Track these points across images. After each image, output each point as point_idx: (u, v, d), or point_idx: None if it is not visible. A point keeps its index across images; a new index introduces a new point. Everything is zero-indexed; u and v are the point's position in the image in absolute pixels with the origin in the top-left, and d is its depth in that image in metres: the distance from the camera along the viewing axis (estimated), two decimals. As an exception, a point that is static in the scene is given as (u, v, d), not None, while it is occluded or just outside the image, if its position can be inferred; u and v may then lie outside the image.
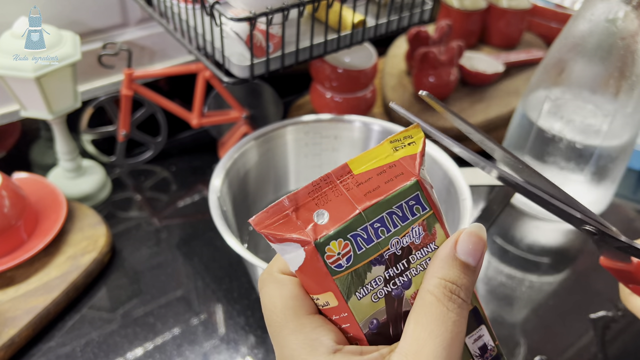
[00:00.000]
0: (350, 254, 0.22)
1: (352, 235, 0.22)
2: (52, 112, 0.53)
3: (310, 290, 0.23)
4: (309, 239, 0.22)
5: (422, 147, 0.24)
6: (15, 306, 0.48)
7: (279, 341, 0.23)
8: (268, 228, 0.22)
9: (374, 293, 0.22)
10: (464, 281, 0.22)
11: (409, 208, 0.23)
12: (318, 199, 0.23)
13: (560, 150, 0.58)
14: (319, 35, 0.49)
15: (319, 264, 0.22)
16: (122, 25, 0.65)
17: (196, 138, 0.73)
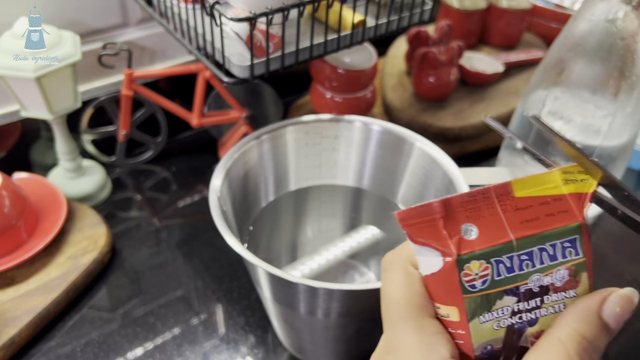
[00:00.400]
0: (487, 277, 0.21)
1: (495, 260, 0.21)
2: (53, 112, 0.53)
3: (435, 297, 0.22)
4: (452, 252, 0.21)
5: (594, 189, 0.23)
6: (15, 306, 0.48)
7: (393, 333, 0.22)
8: (411, 227, 0.21)
9: (497, 321, 0.21)
10: (599, 342, 0.21)
11: (562, 249, 0.22)
12: (470, 212, 0.21)
13: (560, 150, 0.58)
14: (319, 36, 0.49)
15: (454, 279, 0.21)
16: (122, 26, 0.65)
17: (196, 138, 0.73)
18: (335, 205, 0.47)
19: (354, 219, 0.45)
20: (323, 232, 0.44)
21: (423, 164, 0.43)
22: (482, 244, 0.21)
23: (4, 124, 0.60)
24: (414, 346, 0.21)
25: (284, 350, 0.47)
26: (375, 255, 0.44)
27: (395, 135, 0.44)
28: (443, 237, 0.21)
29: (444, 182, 0.41)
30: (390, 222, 0.46)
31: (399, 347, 0.22)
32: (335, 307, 0.35)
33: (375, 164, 0.46)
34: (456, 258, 0.21)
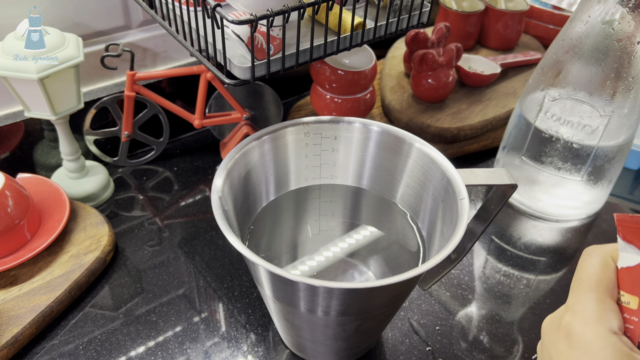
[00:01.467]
0: None
1: None
2: (56, 112, 0.54)
3: (622, 287, 0.27)
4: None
5: None
6: (18, 305, 0.48)
7: (579, 297, 0.28)
8: (625, 228, 0.26)
9: None
10: None
11: None
12: None
13: (557, 150, 0.58)
14: (319, 38, 0.50)
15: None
16: (124, 28, 0.66)
17: (198, 139, 0.74)
18: (335, 204, 0.48)
19: (354, 219, 0.46)
20: (323, 231, 0.45)
21: (421, 165, 0.44)
22: None
23: (7, 124, 0.60)
24: (592, 310, 0.27)
25: (285, 348, 0.48)
26: (375, 254, 0.45)
27: (394, 136, 0.45)
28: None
29: (442, 182, 0.41)
30: (389, 221, 0.46)
31: (579, 308, 0.28)
32: (335, 305, 0.36)
33: (374, 164, 0.47)
34: None
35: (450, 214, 0.39)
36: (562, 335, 0.28)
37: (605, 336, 0.26)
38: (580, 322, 0.27)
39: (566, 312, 0.29)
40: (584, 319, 0.27)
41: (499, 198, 0.41)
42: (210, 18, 0.43)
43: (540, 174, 0.61)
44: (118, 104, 0.65)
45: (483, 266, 0.58)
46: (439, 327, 0.51)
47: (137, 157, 0.69)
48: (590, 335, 0.27)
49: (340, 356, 0.46)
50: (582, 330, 0.27)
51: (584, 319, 0.27)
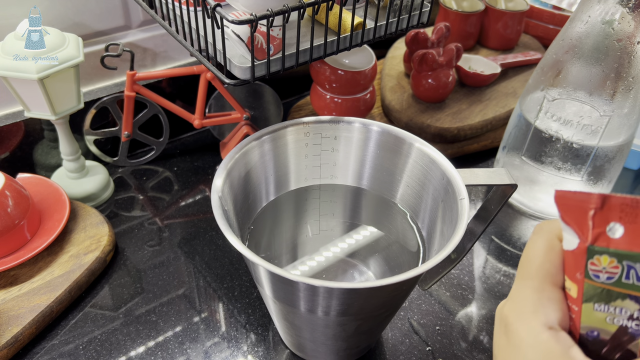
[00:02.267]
0: (614, 276, 0.22)
1: (628, 264, 0.22)
2: (56, 112, 0.54)
3: (566, 271, 0.24)
4: (586, 240, 0.22)
5: None
6: (18, 304, 0.48)
7: (518, 286, 0.25)
8: (564, 207, 0.23)
9: (612, 316, 0.22)
10: None
11: None
12: (626, 215, 0.22)
13: (557, 150, 0.58)
14: (319, 38, 0.50)
15: (581, 262, 0.23)
16: (124, 28, 0.66)
17: (198, 139, 0.74)
18: (335, 204, 0.48)
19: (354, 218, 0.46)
20: (323, 231, 0.45)
21: (421, 165, 0.44)
22: (621, 245, 0.22)
23: (7, 124, 0.60)
24: (527, 301, 0.24)
25: (285, 348, 0.48)
26: (374, 254, 0.45)
27: (394, 136, 0.45)
28: (587, 225, 0.22)
29: (442, 182, 0.41)
30: (389, 221, 0.46)
31: (517, 298, 0.25)
32: (335, 305, 0.36)
33: (374, 164, 0.47)
34: (587, 246, 0.22)
35: (450, 214, 0.39)
36: (502, 327, 0.25)
37: (537, 332, 0.23)
38: (515, 314, 0.25)
39: (507, 301, 0.26)
40: (518, 311, 0.24)
41: (499, 198, 0.41)
42: (210, 18, 0.43)
43: (540, 174, 0.61)
44: (118, 104, 0.65)
45: (483, 266, 0.58)
46: (439, 327, 0.51)
47: (137, 157, 0.69)
48: (523, 331, 0.24)
49: (340, 356, 0.46)
50: (516, 324, 0.24)
51: (519, 310, 0.24)
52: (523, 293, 0.25)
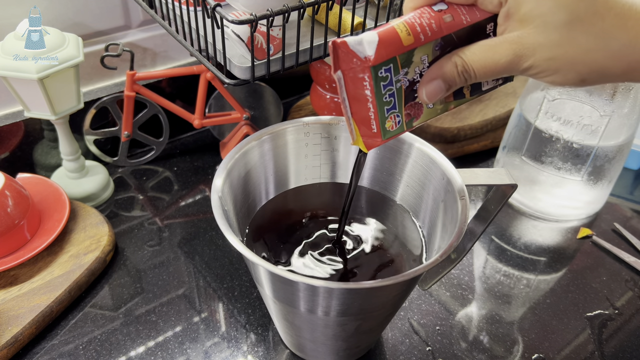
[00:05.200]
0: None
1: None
2: (56, 112, 0.54)
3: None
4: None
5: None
6: (18, 304, 0.48)
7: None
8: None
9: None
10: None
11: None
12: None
13: (557, 150, 0.58)
14: (319, 38, 0.50)
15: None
16: (124, 27, 0.66)
17: (198, 139, 0.74)
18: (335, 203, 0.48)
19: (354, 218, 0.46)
20: (323, 230, 0.45)
21: (421, 165, 0.43)
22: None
23: (7, 124, 0.60)
24: None
25: (285, 348, 0.48)
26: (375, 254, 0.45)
27: (394, 135, 0.44)
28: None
29: (442, 182, 0.41)
30: (390, 221, 0.46)
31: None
32: (335, 305, 0.36)
33: (374, 164, 0.47)
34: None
35: (451, 214, 0.39)
36: None
37: None
38: None
39: None
40: None
41: (499, 198, 0.41)
42: (210, 18, 0.43)
43: (540, 174, 0.61)
44: (118, 104, 0.65)
45: (483, 266, 0.58)
46: (439, 327, 0.51)
47: (137, 157, 0.69)
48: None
49: (340, 356, 0.46)
50: None
51: None
52: None
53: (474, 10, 0.30)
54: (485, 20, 0.30)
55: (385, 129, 0.33)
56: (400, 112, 0.32)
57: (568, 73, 0.28)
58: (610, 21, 0.26)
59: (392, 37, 0.30)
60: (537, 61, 0.28)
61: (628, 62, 0.27)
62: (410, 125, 0.33)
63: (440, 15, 0.30)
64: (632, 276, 0.57)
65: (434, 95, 0.31)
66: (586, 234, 0.61)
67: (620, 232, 0.62)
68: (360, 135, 0.33)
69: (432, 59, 0.31)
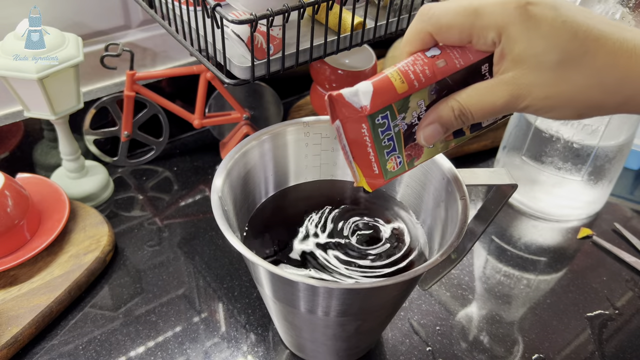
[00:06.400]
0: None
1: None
2: (55, 112, 0.54)
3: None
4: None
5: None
6: (18, 305, 0.48)
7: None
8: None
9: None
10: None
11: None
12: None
13: (557, 150, 0.58)
14: (319, 37, 0.49)
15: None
16: (124, 27, 0.66)
17: (198, 138, 0.74)
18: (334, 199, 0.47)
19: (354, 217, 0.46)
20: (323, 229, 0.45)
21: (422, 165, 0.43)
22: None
23: (7, 124, 0.60)
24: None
25: (285, 348, 0.48)
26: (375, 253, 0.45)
27: (394, 135, 0.44)
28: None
29: (442, 182, 0.41)
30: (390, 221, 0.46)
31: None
32: (335, 306, 0.36)
33: (374, 164, 0.47)
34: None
35: (451, 214, 0.39)
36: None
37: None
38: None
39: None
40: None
41: (499, 198, 0.41)
42: (210, 18, 0.43)
43: (541, 173, 0.61)
44: (118, 104, 0.65)
45: (483, 266, 0.58)
46: (439, 327, 0.50)
47: (136, 157, 0.69)
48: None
49: (340, 356, 0.46)
50: None
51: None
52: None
53: (467, 53, 0.30)
54: (480, 62, 0.30)
55: (387, 170, 0.33)
56: (400, 154, 0.33)
57: (565, 110, 0.28)
58: (602, 59, 0.27)
59: (387, 86, 0.30)
60: (533, 100, 0.28)
61: (622, 97, 0.27)
62: (411, 164, 0.34)
63: (434, 61, 0.30)
64: (632, 276, 0.57)
65: (432, 138, 0.31)
66: (586, 234, 0.61)
67: (621, 232, 0.62)
68: (363, 177, 0.34)
69: (429, 102, 0.31)
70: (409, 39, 0.31)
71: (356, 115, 0.31)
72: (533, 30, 0.27)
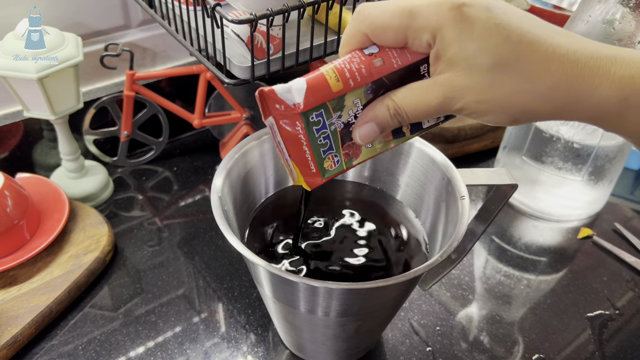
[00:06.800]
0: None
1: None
2: (55, 112, 0.54)
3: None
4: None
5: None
6: (18, 305, 0.48)
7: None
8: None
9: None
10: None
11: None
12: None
13: (558, 150, 0.58)
14: (319, 37, 0.49)
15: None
16: (124, 27, 0.66)
17: (198, 138, 0.74)
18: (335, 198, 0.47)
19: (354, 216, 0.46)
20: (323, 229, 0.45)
21: (422, 165, 0.43)
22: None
23: (6, 124, 0.60)
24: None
25: (285, 348, 0.48)
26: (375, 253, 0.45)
27: (395, 135, 0.44)
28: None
29: (442, 182, 0.41)
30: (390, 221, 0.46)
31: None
32: (335, 306, 0.35)
33: (374, 164, 0.47)
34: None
35: (451, 214, 0.39)
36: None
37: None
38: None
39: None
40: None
41: (500, 198, 0.41)
42: (210, 17, 0.43)
43: (541, 174, 0.61)
44: (117, 104, 0.65)
45: (483, 266, 0.58)
46: (439, 328, 0.50)
47: (136, 157, 0.69)
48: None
49: (340, 357, 0.46)
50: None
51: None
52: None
53: (405, 53, 0.29)
54: (418, 62, 0.30)
55: (325, 168, 0.33)
56: (338, 152, 0.33)
57: (499, 114, 0.28)
58: (534, 65, 0.26)
59: (321, 84, 0.30)
60: (467, 103, 0.28)
61: (554, 104, 0.27)
62: (350, 164, 0.34)
63: (371, 59, 0.30)
64: (632, 276, 0.57)
65: (368, 137, 0.31)
66: (587, 234, 0.61)
67: (621, 232, 0.62)
68: (301, 175, 0.33)
69: (366, 101, 0.31)
70: (346, 40, 0.31)
71: (289, 112, 0.30)
72: (466, 33, 0.26)
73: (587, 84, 0.26)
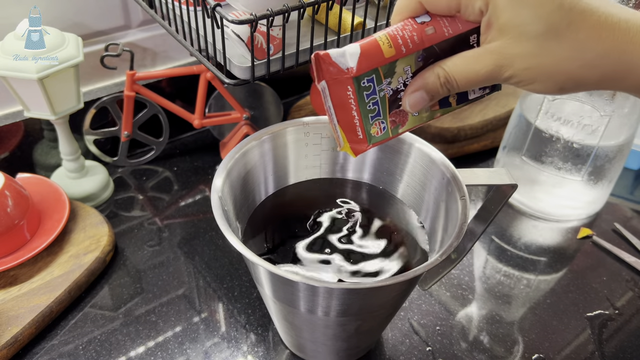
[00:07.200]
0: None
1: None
2: (55, 112, 0.54)
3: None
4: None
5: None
6: (18, 305, 0.48)
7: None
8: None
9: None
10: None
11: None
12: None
13: (557, 150, 0.58)
14: (319, 37, 0.49)
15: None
16: (124, 27, 0.66)
17: (198, 139, 0.74)
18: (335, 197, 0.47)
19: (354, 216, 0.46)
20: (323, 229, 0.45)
21: (422, 165, 0.43)
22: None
23: (7, 124, 0.60)
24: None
25: (285, 348, 0.48)
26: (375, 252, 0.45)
27: (394, 135, 0.44)
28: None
29: (442, 182, 0.41)
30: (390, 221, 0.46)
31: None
32: (335, 306, 0.36)
33: (374, 164, 0.47)
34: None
35: (451, 214, 0.39)
36: None
37: None
38: None
39: None
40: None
41: (499, 198, 0.41)
42: (210, 18, 0.43)
43: (541, 174, 0.61)
44: (118, 104, 0.65)
45: (483, 266, 0.58)
46: (439, 327, 0.50)
47: (136, 157, 0.69)
48: None
49: (340, 356, 0.46)
50: None
51: None
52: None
53: (456, 22, 0.30)
54: (468, 32, 0.30)
55: (371, 134, 0.33)
56: (385, 119, 0.33)
57: (546, 82, 0.28)
58: (585, 32, 0.27)
59: (374, 49, 0.30)
60: (516, 71, 0.28)
61: (602, 72, 0.27)
62: (395, 131, 0.34)
63: (423, 27, 0.30)
64: (632, 276, 0.57)
65: (417, 105, 0.32)
66: (586, 234, 0.61)
67: (621, 232, 0.62)
68: (347, 142, 0.34)
69: (416, 69, 0.31)
70: (399, 8, 0.31)
71: (342, 77, 0.31)
72: (519, 0, 0.27)
73: (638, 52, 0.26)
